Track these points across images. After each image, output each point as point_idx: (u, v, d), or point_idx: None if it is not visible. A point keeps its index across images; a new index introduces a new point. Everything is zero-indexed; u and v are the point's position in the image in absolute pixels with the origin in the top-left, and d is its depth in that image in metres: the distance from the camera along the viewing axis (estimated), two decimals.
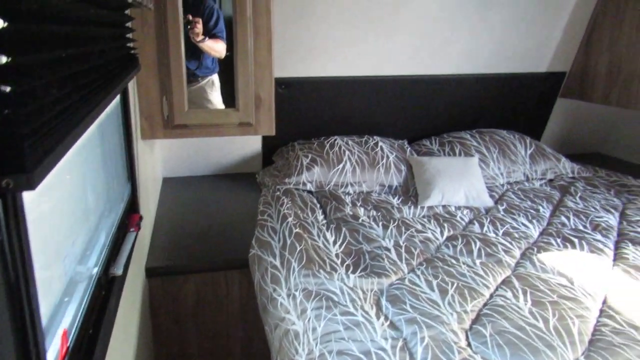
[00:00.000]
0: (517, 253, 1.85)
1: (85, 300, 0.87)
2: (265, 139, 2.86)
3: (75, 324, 0.80)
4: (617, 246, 1.93)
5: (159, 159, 2.71)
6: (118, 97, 1.32)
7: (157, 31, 1.76)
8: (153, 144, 2.33)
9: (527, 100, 3.13)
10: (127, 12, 1.38)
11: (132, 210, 1.41)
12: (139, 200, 1.48)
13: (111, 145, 1.33)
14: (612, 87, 2.75)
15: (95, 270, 0.96)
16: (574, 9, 2.77)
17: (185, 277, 1.89)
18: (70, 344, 0.75)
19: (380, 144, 2.69)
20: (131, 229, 1.24)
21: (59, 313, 0.83)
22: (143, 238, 1.78)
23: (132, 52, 1.35)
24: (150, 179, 2.09)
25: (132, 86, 1.68)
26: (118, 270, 1.01)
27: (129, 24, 1.33)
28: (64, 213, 0.94)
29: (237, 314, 1.99)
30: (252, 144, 2.88)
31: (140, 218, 1.47)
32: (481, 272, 1.66)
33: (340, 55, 2.67)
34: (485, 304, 1.50)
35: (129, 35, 1.35)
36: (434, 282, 1.58)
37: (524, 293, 1.53)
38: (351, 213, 2.17)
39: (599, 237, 2.00)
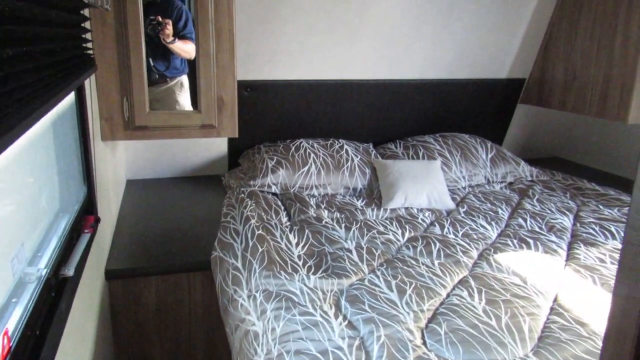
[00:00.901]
0: (474, 254, 1.89)
1: (32, 301, 0.86)
2: (231, 142, 2.85)
3: (20, 325, 0.79)
4: (570, 247, 2.01)
5: (122, 161, 2.67)
6: (73, 97, 1.30)
7: (116, 32, 1.75)
8: (115, 146, 2.30)
9: (489, 106, 3.22)
10: (85, 12, 1.37)
11: (87, 212, 1.39)
12: (96, 202, 1.46)
13: (66, 145, 1.32)
14: (568, 93, 2.85)
15: (46, 271, 0.95)
16: (532, 18, 2.86)
17: (146, 279, 1.87)
18: (13, 344, 0.74)
19: (345, 146, 2.72)
20: (85, 231, 1.22)
21: (5, 314, 0.82)
22: (103, 240, 1.76)
23: (88, 52, 1.34)
24: (111, 181, 2.07)
25: (90, 87, 1.66)
26: (69, 271, 1.00)
27: (86, 24, 1.32)
28: (12, 213, 0.93)
29: (199, 317, 1.98)
30: (217, 147, 2.87)
31: (97, 220, 1.45)
32: (439, 273, 1.70)
33: (305, 59, 2.69)
34: (441, 303, 1.54)
35: (86, 36, 1.34)
36: (393, 283, 1.61)
37: (479, 292, 1.58)
38: (315, 215, 2.19)
39: (553, 238, 2.07)
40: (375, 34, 2.68)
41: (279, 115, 2.84)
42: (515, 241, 2.02)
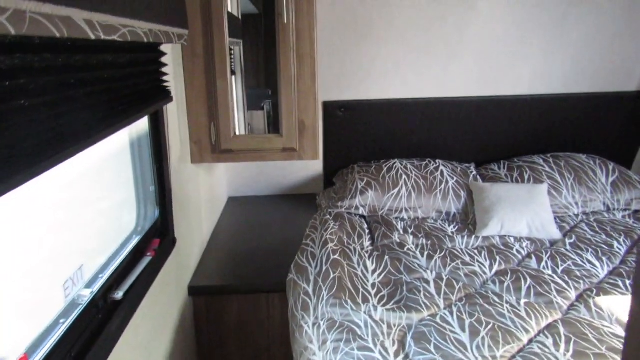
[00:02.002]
0: (572, 294, 1.68)
1: (74, 323, 0.92)
2: (327, 161, 2.88)
3: (59, 346, 0.86)
4: None
5: (223, 179, 2.83)
6: (147, 125, 1.40)
7: (205, 62, 1.86)
8: (213, 166, 2.44)
9: (614, 123, 2.85)
10: (168, 47, 1.47)
11: (162, 233, 1.49)
12: (171, 224, 1.55)
13: (144, 170, 1.42)
14: None
15: (97, 293, 1.03)
16: None
17: (228, 297, 1.95)
18: None
19: (441, 168, 2.59)
20: (147, 254, 1.30)
21: (49, 334, 0.89)
22: (187, 257, 1.86)
23: (164, 84, 1.44)
24: (203, 200, 2.19)
25: (179, 113, 1.78)
26: (118, 295, 1.07)
27: (164, 59, 1.42)
28: (80, 235, 1.01)
29: (277, 337, 2.01)
30: (314, 165, 2.91)
31: (173, 241, 1.54)
32: (523, 314, 1.53)
33: (401, 78, 2.64)
34: (519, 351, 1.37)
35: (164, 70, 1.44)
36: (467, 322, 1.48)
37: (568, 341, 1.39)
38: (398, 241, 2.11)
39: None
40: (476, 48, 2.54)
41: (375, 135, 2.80)
42: (628, 282, 1.75)
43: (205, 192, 2.26)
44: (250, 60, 2.37)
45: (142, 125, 1.39)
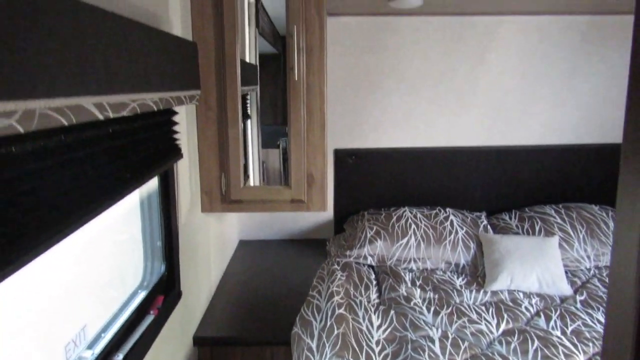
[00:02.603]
0: (580, 359, 1.64)
1: None
2: (337, 207, 2.90)
3: None
4: None
5: (235, 223, 2.86)
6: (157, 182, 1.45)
7: (217, 116, 1.91)
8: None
9: None
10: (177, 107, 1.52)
11: (168, 287, 1.51)
12: (178, 278, 1.57)
13: (153, 226, 1.45)
14: None
15: (99, 356, 1.04)
16: None
17: (232, 348, 1.94)
18: None
19: (450, 217, 2.59)
20: (151, 312, 1.32)
21: None
22: (192, 308, 1.87)
23: (176, 142, 1.48)
24: (213, 248, 2.21)
25: (188, 164, 1.83)
26: (118, 358, 1.08)
27: (175, 118, 1.47)
28: (85, 294, 1.03)
29: None
30: (324, 211, 2.93)
31: (179, 294, 1.55)
32: None
33: (411, 127, 2.67)
34: None
35: (175, 128, 1.49)
36: None
37: None
38: (405, 294, 2.10)
39: None
40: (486, 100, 2.57)
41: (386, 182, 2.83)
42: None
43: (215, 239, 2.28)
44: (267, 97, 2.42)
45: (151, 181, 1.43)
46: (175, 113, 1.45)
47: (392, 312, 1.93)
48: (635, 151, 0.42)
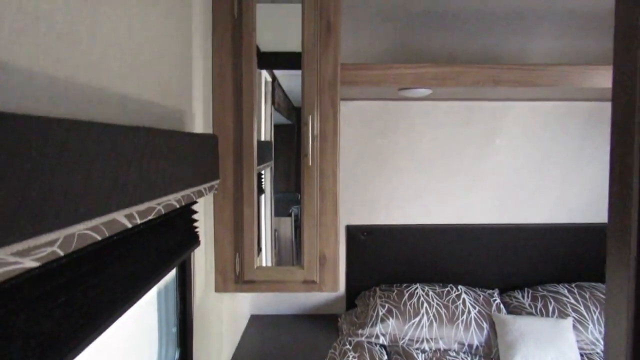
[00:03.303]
0: None
1: None
2: (349, 282, 2.90)
3: None
4: None
5: (247, 297, 2.87)
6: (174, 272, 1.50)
7: (234, 196, 1.99)
8: None
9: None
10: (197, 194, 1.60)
11: None
12: None
13: (167, 314, 1.49)
14: None
15: None
16: None
17: None
18: None
19: (463, 296, 2.58)
20: None
21: None
22: None
23: (195, 230, 1.55)
24: (225, 325, 2.23)
25: (206, 245, 1.88)
26: None
27: (195, 207, 1.54)
28: None
29: None
30: (336, 292, 2.94)
31: None
32: None
33: (422, 205, 2.72)
34: None
35: (194, 216, 1.56)
36: None
37: None
38: None
39: None
40: (495, 179, 2.64)
41: (397, 258, 2.85)
42: None
43: (228, 317, 2.30)
44: (280, 165, 2.49)
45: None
46: (195, 202, 1.52)
47: None
48: (618, 234, 0.46)
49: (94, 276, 0.87)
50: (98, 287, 0.88)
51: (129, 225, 0.90)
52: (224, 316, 2.22)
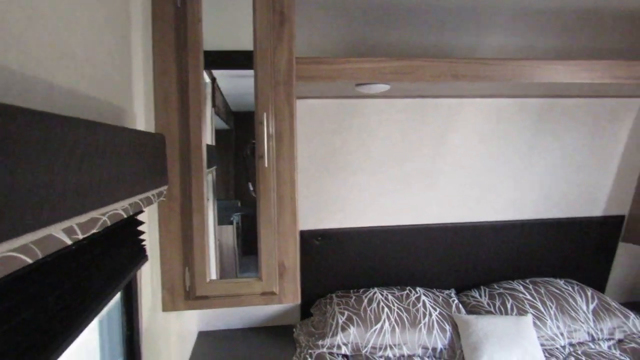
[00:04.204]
0: None
1: None
2: (303, 290, 2.76)
3: None
4: None
5: (194, 313, 2.66)
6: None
7: (182, 205, 1.80)
8: None
9: (585, 247, 2.89)
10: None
11: None
12: None
13: (111, 342, 1.28)
14: None
15: None
16: (625, 151, 2.63)
17: None
18: None
19: (422, 298, 2.51)
20: None
21: None
22: None
23: (142, 244, 1.35)
24: (173, 346, 2.02)
25: (150, 263, 1.68)
26: None
27: (141, 217, 1.34)
28: None
29: None
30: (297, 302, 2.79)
31: None
32: None
33: (378, 206, 2.63)
34: None
35: (140, 228, 1.36)
36: None
37: None
38: None
39: None
40: (450, 178, 2.59)
41: (353, 262, 2.74)
42: None
43: (175, 336, 2.09)
44: (220, 173, 2.34)
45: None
46: (141, 212, 1.33)
47: None
48: None
49: (22, 311, 0.68)
50: (24, 327, 0.69)
51: (69, 242, 0.72)
52: (171, 336, 2.01)
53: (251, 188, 2.25)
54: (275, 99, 1.83)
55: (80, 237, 0.76)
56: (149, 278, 1.66)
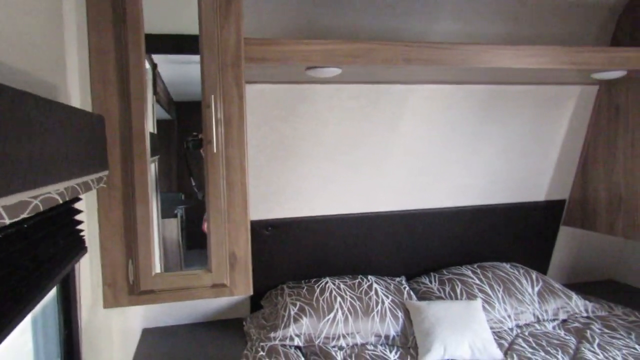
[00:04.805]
0: None
1: None
2: (253, 282, 2.68)
3: None
4: None
5: (138, 309, 2.52)
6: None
7: (123, 194, 1.67)
8: None
9: (529, 230, 2.99)
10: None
11: None
12: None
13: (46, 341, 1.17)
14: (616, 216, 2.61)
15: None
16: (565, 138, 2.73)
17: None
18: None
19: (374, 286, 2.50)
20: None
21: None
22: None
23: (80, 235, 1.24)
24: (116, 346, 1.89)
25: (89, 255, 1.56)
26: None
27: (79, 205, 1.23)
28: None
29: None
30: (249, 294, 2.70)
31: None
32: None
33: (329, 194, 2.59)
34: None
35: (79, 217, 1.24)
36: None
37: None
38: None
39: None
40: (401, 165, 2.58)
41: (304, 252, 2.69)
42: None
43: (118, 335, 1.96)
44: (162, 164, 2.23)
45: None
46: (78, 200, 1.22)
47: None
48: None
49: None
50: None
51: None
52: (113, 334, 1.88)
53: (193, 183, 2.15)
54: (224, 81, 1.74)
55: (7, 221, 0.66)
56: (88, 272, 1.54)
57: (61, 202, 0.89)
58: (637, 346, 2.18)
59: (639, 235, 2.48)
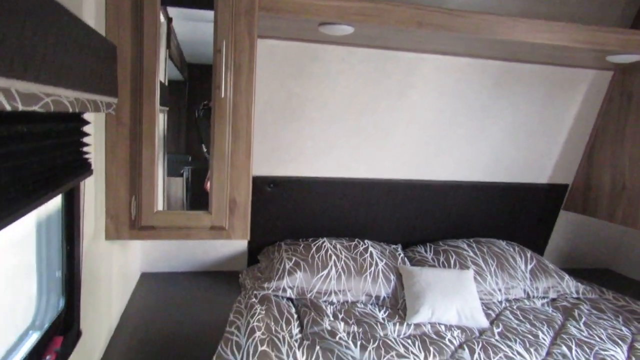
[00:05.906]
0: None
1: None
2: (251, 237, 2.73)
3: None
4: None
5: (137, 253, 2.59)
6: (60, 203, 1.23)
7: (131, 131, 1.72)
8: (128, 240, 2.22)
9: (529, 212, 3.01)
10: (88, 115, 1.33)
11: (66, 325, 1.27)
12: (78, 315, 1.34)
13: (52, 252, 1.22)
14: (617, 204, 2.62)
15: None
16: (574, 122, 2.72)
17: None
18: None
19: (370, 249, 2.55)
20: (47, 357, 1.09)
21: None
22: (92, 348, 1.62)
23: (86, 156, 1.28)
24: (115, 279, 1.96)
25: (94, 185, 1.61)
26: None
27: (86, 129, 1.27)
28: None
29: None
30: (238, 241, 2.76)
31: (79, 334, 1.32)
32: None
33: (332, 157, 2.62)
34: None
35: (86, 140, 1.29)
36: None
37: None
38: (329, 328, 1.99)
39: None
40: (406, 134, 2.60)
41: (304, 212, 2.74)
42: None
43: (117, 271, 2.03)
44: (171, 125, 2.27)
45: (53, 201, 1.21)
46: (86, 122, 1.26)
47: (317, 347, 1.81)
48: None
49: None
50: None
51: (7, 108, 0.66)
52: (114, 271, 1.95)
53: (205, 149, 2.18)
54: (236, 29, 1.77)
55: (20, 107, 0.70)
56: (93, 200, 1.59)
57: (71, 110, 0.93)
58: (623, 328, 2.22)
59: (638, 223, 2.50)
